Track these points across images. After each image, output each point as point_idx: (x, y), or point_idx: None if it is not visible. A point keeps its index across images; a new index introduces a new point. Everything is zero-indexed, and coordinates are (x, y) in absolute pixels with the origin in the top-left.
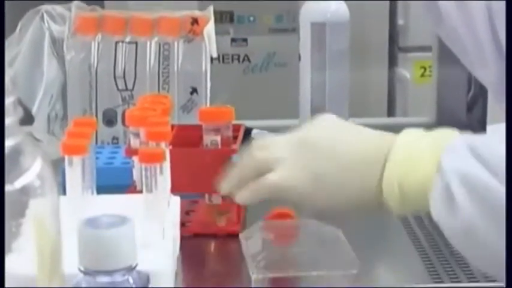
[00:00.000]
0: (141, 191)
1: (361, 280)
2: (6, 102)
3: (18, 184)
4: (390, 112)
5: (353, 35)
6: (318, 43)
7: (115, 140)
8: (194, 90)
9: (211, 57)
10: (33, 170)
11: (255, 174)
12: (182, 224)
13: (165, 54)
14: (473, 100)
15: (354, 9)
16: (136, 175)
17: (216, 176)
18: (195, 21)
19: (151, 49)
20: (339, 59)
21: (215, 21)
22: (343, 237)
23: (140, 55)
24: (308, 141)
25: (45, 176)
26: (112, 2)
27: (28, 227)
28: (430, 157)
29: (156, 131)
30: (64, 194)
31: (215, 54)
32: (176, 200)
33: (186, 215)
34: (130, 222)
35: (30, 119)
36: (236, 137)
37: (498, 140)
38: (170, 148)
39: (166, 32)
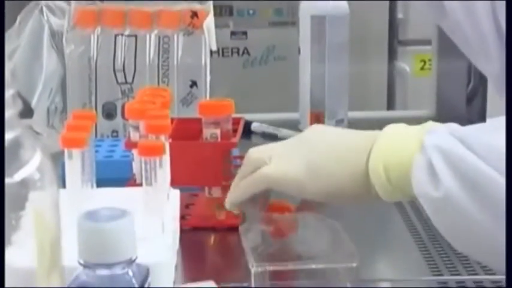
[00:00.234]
0: (140, 184)
1: (360, 273)
2: (5, 95)
3: (18, 177)
4: (390, 105)
5: (353, 28)
6: (318, 36)
7: (114, 133)
8: (194, 84)
9: (210, 50)
10: (32, 163)
11: (251, 171)
12: (182, 217)
13: (164, 47)
14: (473, 93)
15: (354, 2)
16: (136, 168)
17: (215, 169)
18: (195, 14)
19: (150, 42)
20: (339, 52)
21: (215, 15)
22: (343, 231)
23: (140, 48)
24: (301, 138)
25: (44, 169)
26: None
27: (28, 220)
28: (414, 141)
29: (155, 124)
30: (64, 187)
31: (215, 48)
32: (176, 193)
33: (186, 208)
34: (130, 215)
35: (29, 112)
36: (236, 130)
37: (479, 128)
38: (170, 141)
39: (166, 25)
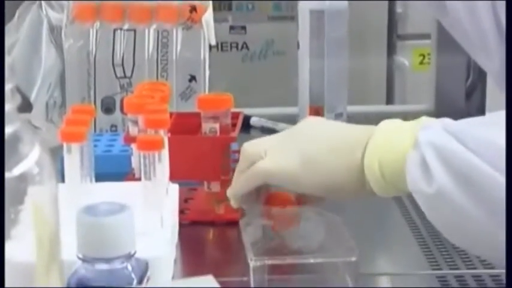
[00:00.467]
0: (139, 179)
1: (359, 267)
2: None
3: (17, 171)
4: (389, 100)
5: (352, 22)
6: (317, 31)
7: (113, 128)
8: (193, 78)
9: (209, 44)
10: (31, 157)
11: (248, 166)
12: (181, 212)
13: (163, 42)
14: (472, 87)
15: None
16: (134, 163)
17: (214, 164)
18: (194, 8)
19: (149, 37)
20: (338, 47)
21: (214, 9)
22: (343, 225)
23: (139, 43)
24: (295, 131)
25: (43, 164)
26: None
27: (27, 214)
28: (409, 137)
29: (154, 118)
30: (63, 181)
31: (214, 42)
32: (175, 188)
33: (185, 202)
34: (129, 209)
35: (28, 106)
36: (235, 124)
37: (473, 123)
38: (169, 136)
39: (165, 20)
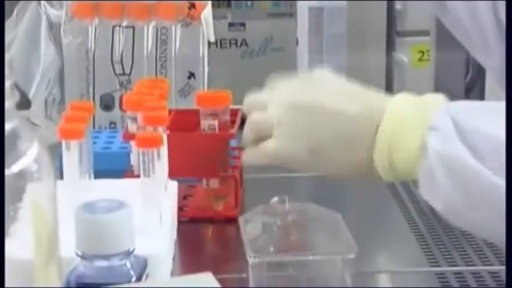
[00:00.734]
0: (138, 176)
1: (358, 264)
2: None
3: (16, 168)
4: None
5: (350, 19)
6: (316, 27)
7: (112, 125)
8: (192, 75)
9: (208, 41)
10: (30, 154)
11: (255, 136)
12: (180, 209)
13: (162, 39)
14: (471, 83)
15: None
16: (133, 160)
17: (213, 161)
18: (193, 5)
19: (148, 33)
20: (337, 44)
21: (212, 6)
22: (342, 222)
23: (137, 39)
24: (306, 107)
25: (42, 161)
26: None
27: (25, 211)
28: (415, 130)
29: (153, 115)
30: (61, 178)
31: (212, 39)
32: (174, 185)
33: (184, 199)
34: (128, 206)
35: (27, 103)
36: (234, 121)
37: (485, 118)
38: (168, 133)
39: (164, 17)
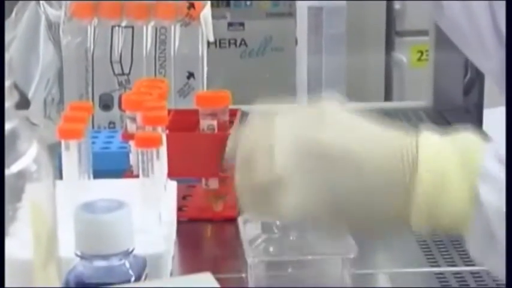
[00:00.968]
0: (137, 176)
1: (358, 264)
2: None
3: (15, 168)
4: (387, 96)
5: (350, 19)
6: (315, 27)
7: (111, 125)
8: (191, 75)
9: (208, 41)
10: (29, 155)
11: (261, 191)
12: (179, 209)
13: (161, 39)
14: (470, 84)
15: None
16: (133, 160)
17: (212, 161)
18: (192, 5)
19: (147, 33)
20: (336, 43)
21: (211, 6)
22: None
23: (136, 39)
24: (327, 154)
25: (41, 161)
26: None
27: (25, 211)
28: (461, 179)
29: (152, 115)
30: (60, 178)
31: (212, 39)
32: (173, 185)
33: (183, 199)
34: (127, 206)
35: (26, 103)
36: (233, 121)
37: None
38: (167, 133)
39: (163, 16)
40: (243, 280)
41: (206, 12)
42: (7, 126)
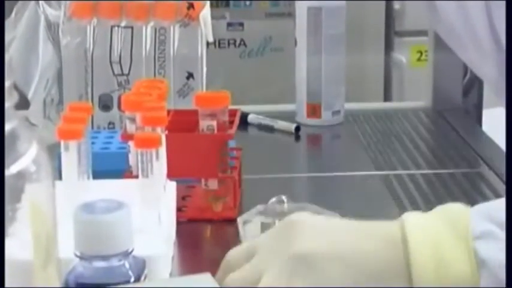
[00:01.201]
0: (137, 176)
1: None
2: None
3: (14, 169)
4: (386, 97)
5: (349, 19)
6: (314, 27)
7: (111, 125)
8: (190, 75)
9: (207, 41)
10: (29, 155)
11: None
12: (178, 209)
13: (161, 39)
14: (469, 84)
15: None
16: (132, 160)
17: (212, 161)
18: (191, 5)
19: (147, 34)
20: (335, 44)
21: (211, 6)
22: None
23: (136, 40)
24: (312, 259)
25: (41, 161)
26: None
27: (24, 212)
28: (458, 245)
29: (152, 116)
30: (60, 179)
31: (211, 39)
32: (172, 185)
33: (182, 200)
34: (127, 207)
35: (26, 103)
36: (232, 122)
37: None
38: (166, 133)
39: (162, 17)
40: None
41: (205, 12)
42: (7, 127)
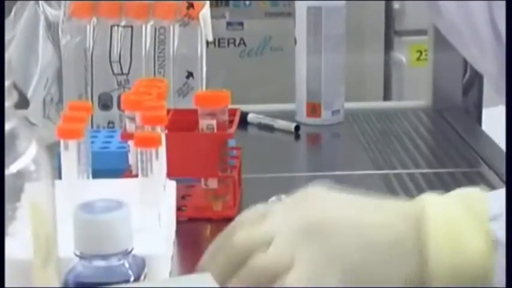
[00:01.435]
0: (136, 175)
1: None
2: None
3: (14, 168)
4: (386, 96)
5: (349, 18)
6: (314, 27)
7: (111, 124)
8: (190, 74)
9: (207, 41)
10: (28, 154)
11: (266, 281)
12: (178, 209)
13: (160, 38)
14: (469, 83)
15: None
16: (132, 159)
17: (211, 161)
18: (191, 5)
19: (146, 33)
20: (335, 43)
21: (211, 5)
22: None
23: (136, 39)
24: (324, 226)
25: (40, 160)
26: None
27: (24, 211)
28: (474, 225)
29: (151, 115)
30: (60, 178)
31: (211, 38)
32: (172, 184)
33: (182, 199)
34: (126, 206)
35: (25, 103)
36: (232, 121)
37: None
38: (166, 132)
39: (162, 16)
40: None
41: (205, 11)
42: (6, 126)
